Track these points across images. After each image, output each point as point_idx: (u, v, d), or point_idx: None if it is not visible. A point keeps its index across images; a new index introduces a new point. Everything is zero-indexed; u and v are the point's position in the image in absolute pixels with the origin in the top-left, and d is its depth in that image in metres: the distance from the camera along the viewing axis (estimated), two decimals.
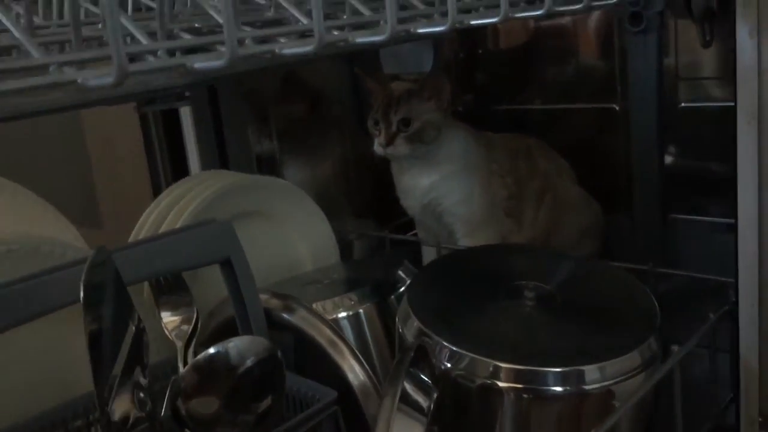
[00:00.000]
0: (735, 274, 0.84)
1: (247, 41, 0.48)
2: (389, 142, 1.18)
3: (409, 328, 0.83)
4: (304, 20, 0.51)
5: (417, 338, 0.80)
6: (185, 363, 0.79)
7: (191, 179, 1.11)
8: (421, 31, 0.56)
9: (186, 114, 1.34)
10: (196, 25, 0.58)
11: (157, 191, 1.34)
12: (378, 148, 1.20)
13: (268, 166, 1.46)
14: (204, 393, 0.66)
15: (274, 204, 1.11)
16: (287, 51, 0.48)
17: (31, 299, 0.66)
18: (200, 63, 0.44)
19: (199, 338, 0.83)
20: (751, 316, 0.84)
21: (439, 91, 1.21)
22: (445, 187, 1.21)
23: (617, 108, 1.40)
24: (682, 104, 1.34)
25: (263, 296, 0.88)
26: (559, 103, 1.50)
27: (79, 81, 0.39)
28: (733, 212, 0.82)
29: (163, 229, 1.00)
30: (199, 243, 0.79)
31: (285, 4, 0.53)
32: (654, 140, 1.30)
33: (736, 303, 0.85)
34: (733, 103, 0.78)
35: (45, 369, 0.82)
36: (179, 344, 0.81)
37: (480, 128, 1.33)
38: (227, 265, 0.81)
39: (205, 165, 1.34)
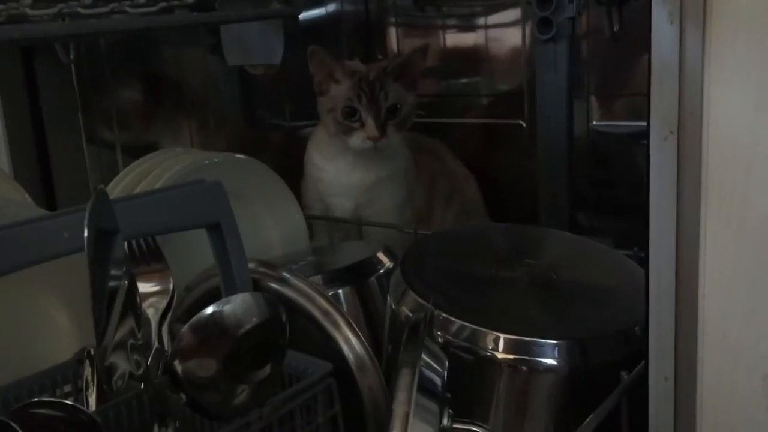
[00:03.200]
0: (645, 335, 0.71)
1: None
2: (382, 132, 1.20)
3: (406, 303, 0.89)
4: None
5: (416, 313, 0.85)
6: (160, 338, 0.78)
7: (159, 154, 1.17)
8: None
9: None
10: None
11: None
12: (364, 141, 1.21)
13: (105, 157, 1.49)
14: (201, 354, 0.67)
15: (244, 184, 1.15)
16: None
17: (34, 244, 0.67)
18: None
19: (174, 314, 0.82)
20: (664, 392, 0.71)
21: (416, 68, 1.25)
22: (383, 189, 1.28)
23: (524, 124, 1.49)
24: (594, 123, 1.42)
25: (251, 265, 0.88)
26: (464, 117, 1.58)
27: None
28: (645, 258, 0.70)
29: None
30: (189, 204, 0.79)
31: None
32: (562, 161, 1.34)
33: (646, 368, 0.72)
34: (644, 123, 0.70)
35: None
36: (153, 319, 0.80)
37: None
38: (216, 229, 0.81)
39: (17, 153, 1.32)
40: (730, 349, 0.67)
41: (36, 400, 0.67)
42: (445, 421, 0.71)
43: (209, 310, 0.67)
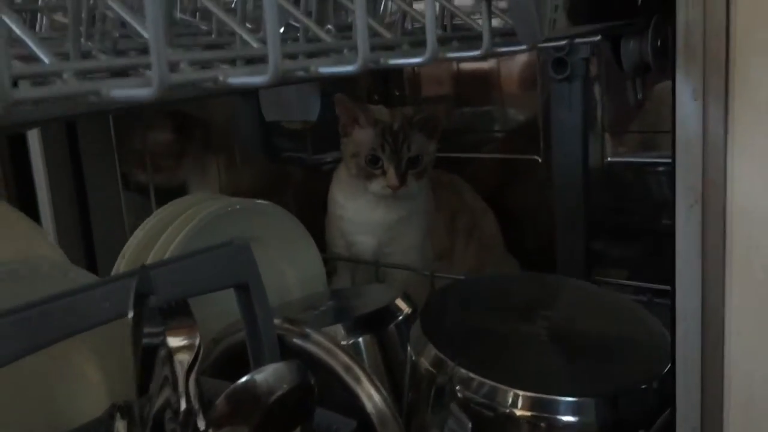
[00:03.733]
0: (672, 392, 0.74)
1: (182, 65, 0.42)
2: (402, 182, 1.24)
3: (426, 356, 0.90)
4: (255, 44, 0.47)
5: (436, 366, 0.87)
6: (187, 392, 0.77)
7: (182, 201, 1.19)
8: (393, 62, 0.52)
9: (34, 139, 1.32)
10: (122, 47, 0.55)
11: None
12: (384, 189, 1.25)
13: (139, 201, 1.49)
14: (235, 422, 0.70)
15: (264, 228, 1.18)
16: (235, 80, 0.43)
17: (75, 315, 0.69)
18: (120, 90, 0.38)
19: (201, 366, 0.81)
20: None
21: (438, 121, 1.29)
22: (405, 227, 1.30)
23: (540, 160, 1.50)
24: (609, 159, 1.42)
25: (276, 321, 0.90)
26: (481, 152, 1.60)
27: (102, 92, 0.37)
28: (671, 320, 0.73)
29: (152, 254, 1.06)
30: (219, 265, 0.81)
31: (233, 25, 0.48)
32: (578, 196, 1.33)
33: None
34: (658, 159, 0.74)
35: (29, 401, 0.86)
36: (180, 373, 0.78)
37: None
38: (243, 289, 0.83)
39: (57, 196, 1.33)
40: (755, 404, 0.70)
41: None
42: None
43: (243, 380, 0.71)
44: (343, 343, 1.02)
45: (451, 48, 0.60)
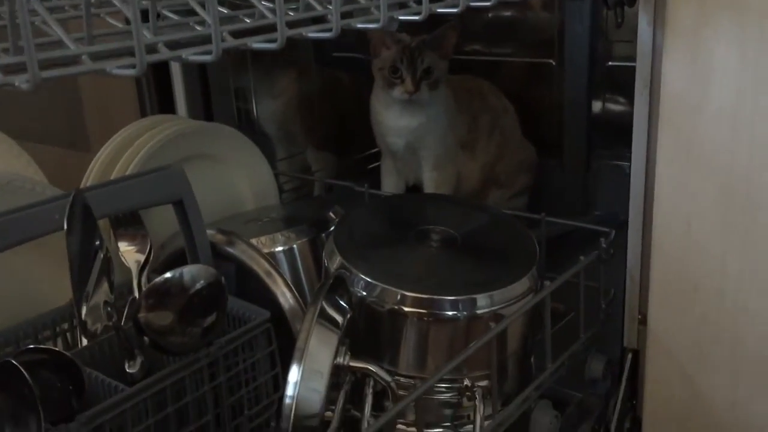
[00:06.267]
0: (626, 207, 1.07)
1: (225, 34, 0.57)
2: (417, 88, 1.39)
3: (333, 262, 1.00)
4: (269, 15, 0.61)
5: (338, 270, 0.96)
6: (139, 287, 0.90)
7: (143, 122, 1.25)
8: (360, 26, 0.68)
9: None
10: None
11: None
12: (402, 94, 1.39)
13: (243, 102, 1.68)
14: (160, 309, 0.77)
15: (220, 148, 1.27)
16: (257, 45, 0.59)
17: (20, 227, 0.79)
18: (193, 56, 0.55)
19: (152, 266, 0.93)
20: (635, 239, 1.08)
21: (449, 41, 1.42)
22: (429, 126, 1.45)
23: (554, 63, 1.66)
24: (610, 63, 1.59)
25: (210, 232, 0.99)
26: (502, 55, 1.75)
27: (107, 70, 0.49)
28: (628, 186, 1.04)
29: (117, 166, 1.14)
30: (157, 185, 0.90)
31: (255, 2, 0.62)
32: (584, 93, 1.54)
33: (607, 249, 1.09)
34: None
35: (13, 289, 0.97)
36: (134, 270, 0.92)
37: None
38: (179, 205, 0.93)
39: (190, 101, 1.51)
40: (668, 211, 1.05)
41: (24, 348, 0.81)
42: (340, 359, 0.87)
43: (167, 275, 0.79)
44: (280, 248, 1.14)
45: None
